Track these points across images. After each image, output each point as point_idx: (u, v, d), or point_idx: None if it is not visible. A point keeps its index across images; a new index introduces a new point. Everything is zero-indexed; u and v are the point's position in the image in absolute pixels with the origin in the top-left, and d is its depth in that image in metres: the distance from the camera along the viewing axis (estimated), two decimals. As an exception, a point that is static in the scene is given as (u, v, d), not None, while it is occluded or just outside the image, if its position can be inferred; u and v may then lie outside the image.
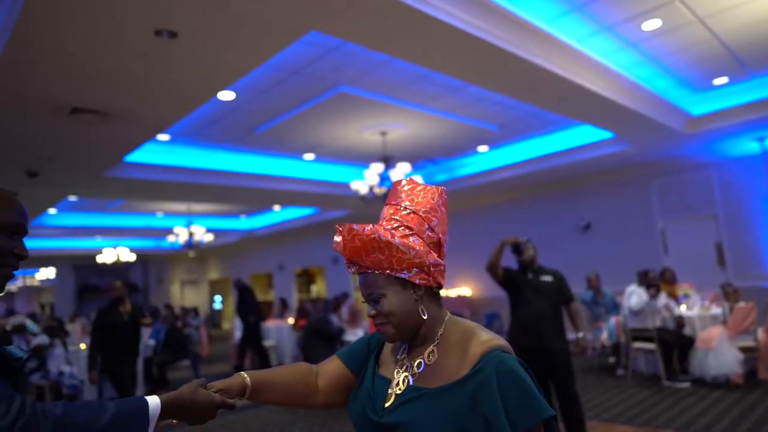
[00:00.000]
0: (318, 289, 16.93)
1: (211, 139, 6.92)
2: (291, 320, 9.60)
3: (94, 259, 14.78)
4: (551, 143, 7.92)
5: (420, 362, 1.14)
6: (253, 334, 8.34)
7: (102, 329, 4.99)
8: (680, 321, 6.12)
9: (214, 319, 18.43)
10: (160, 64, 3.93)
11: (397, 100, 5.86)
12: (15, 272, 1.10)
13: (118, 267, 17.03)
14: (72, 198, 9.07)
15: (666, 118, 6.28)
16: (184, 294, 19.05)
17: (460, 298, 10.53)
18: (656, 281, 6.23)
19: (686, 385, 5.66)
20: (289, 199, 9.96)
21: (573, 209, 9.49)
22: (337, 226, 1.15)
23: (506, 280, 3.92)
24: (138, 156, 6.74)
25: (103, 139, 5.52)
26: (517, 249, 3.92)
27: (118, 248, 13.68)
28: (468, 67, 4.43)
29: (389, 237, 1.10)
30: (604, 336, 6.77)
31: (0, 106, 4.41)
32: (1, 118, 4.67)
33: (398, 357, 1.19)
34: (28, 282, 20.22)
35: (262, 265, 16.60)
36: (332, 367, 1.27)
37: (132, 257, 14.36)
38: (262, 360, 8.34)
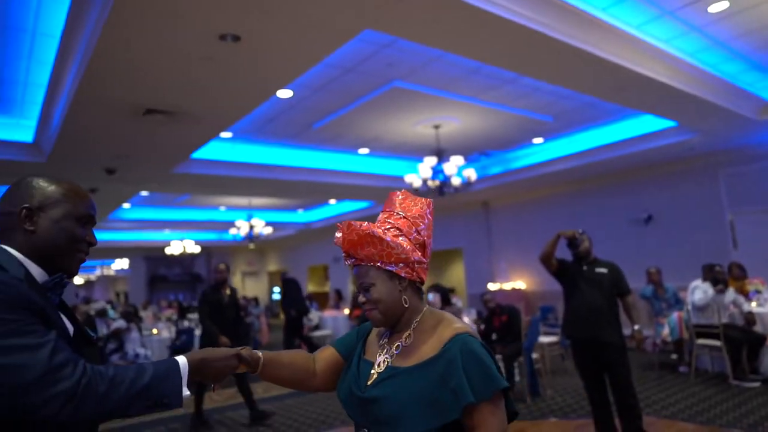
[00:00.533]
0: (373, 281, 17.16)
1: (270, 136, 7.21)
2: (346, 310, 9.86)
3: (163, 250, 15.71)
4: (609, 133, 7.70)
5: (398, 345, 1.32)
6: (293, 327, 8.56)
7: (209, 304, 5.21)
8: (750, 318, 5.84)
9: (273, 308, 19.11)
10: (224, 67, 4.17)
11: (450, 94, 5.90)
12: (87, 258, 1.27)
13: (185, 258, 17.99)
14: (143, 193, 9.68)
15: (736, 104, 5.98)
16: (244, 284, 19.85)
17: (515, 291, 10.44)
18: (723, 276, 5.97)
19: (756, 384, 5.41)
20: (344, 192, 10.21)
21: (633, 201, 9.18)
22: (338, 223, 1.33)
23: (560, 271, 3.91)
24: (203, 153, 7.12)
25: (172, 138, 5.90)
26: (572, 243, 3.88)
27: (185, 241, 14.45)
28: (521, 59, 4.42)
29: (381, 234, 1.27)
30: (666, 332, 6.55)
31: (84, 109, 4.82)
32: (85, 119, 5.10)
33: (381, 342, 1.37)
34: (105, 272, 21.71)
35: (318, 258, 17.04)
36: (327, 353, 1.46)
37: (197, 249, 15.12)
38: (311, 348, 8.60)
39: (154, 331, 8.58)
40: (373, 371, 1.31)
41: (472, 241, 11.79)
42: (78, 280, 20.36)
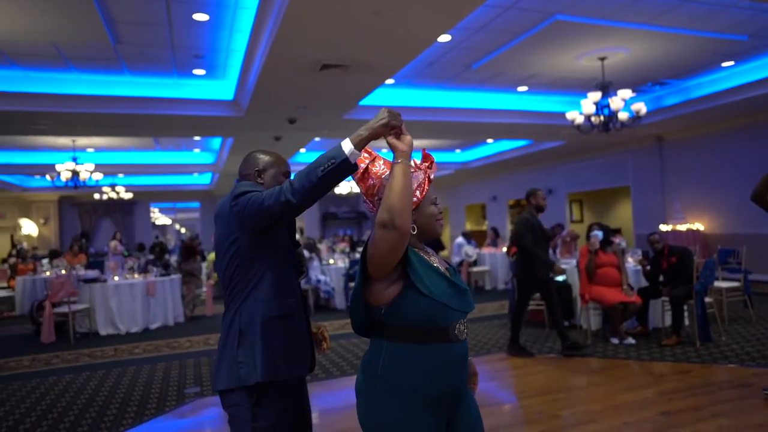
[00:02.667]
0: (531, 220, 16.97)
1: (429, 79, 7.50)
2: (504, 248, 10.07)
3: (333, 191, 17.25)
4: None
5: (428, 250, 1.64)
6: None
7: (532, 231, 5.04)
8: None
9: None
10: (391, 19, 4.51)
11: (618, 22, 5.54)
12: None
13: (351, 198, 19.59)
14: (317, 139, 10.77)
15: None
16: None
17: (690, 233, 9.61)
18: None
19: None
20: (502, 131, 10.18)
21: None
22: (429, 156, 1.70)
23: None
24: (369, 100, 7.70)
25: (344, 89, 6.51)
26: None
27: (351, 181, 15.69)
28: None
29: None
30: None
31: (273, 69, 5.59)
32: (273, 78, 5.91)
33: (424, 253, 1.60)
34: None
35: (476, 197, 17.26)
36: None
37: (363, 189, 16.34)
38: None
39: (331, 261, 9.77)
40: (444, 272, 1.57)
41: (642, 179, 10.98)
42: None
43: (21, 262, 10.69)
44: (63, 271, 8.15)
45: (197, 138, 10.92)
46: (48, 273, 8.91)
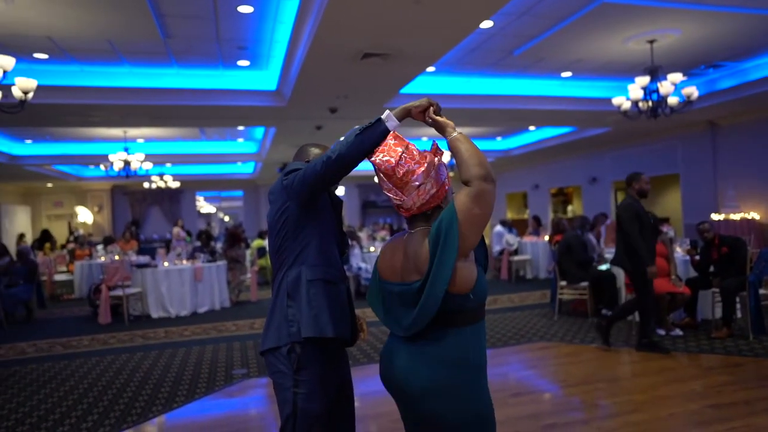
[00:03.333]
0: (574, 208, 16.63)
1: (470, 66, 7.42)
2: (546, 237, 9.93)
3: (372, 179, 17.36)
4: None
5: None
6: None
7: (639, 221, 4.66)
8: None
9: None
10: (432, 7, 4.49)
11: (669, 3, 5.33)
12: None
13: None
14: (356, 128, 10.82)
15: None
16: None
17: (745, 222, 9.20)
18: None
19: None
20: (545, 118, 9.98)
21: None
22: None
23: None
24: (410, 88, 7.69)
25: (385, 77, 6.53)
26: None
27: (391, 169, 15.72)
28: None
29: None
30: None
31: (316, 59, 5.67)
32: (316, 68, 5.99)
33: None
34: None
35: (517, 185, 17.01)
36: None
37: (402, 177, 16.33)
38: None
39: (372, 249, 9.88)
40: None
41: (692, 166, 10.55)
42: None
43: (78, 248, 11.27)
44: (116, 257, 8.56)
45: (241, 128, 11.18)
46: (103, 258, 9.37)
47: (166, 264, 7.84)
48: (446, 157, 1.67)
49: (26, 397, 4.20)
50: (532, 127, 12.11)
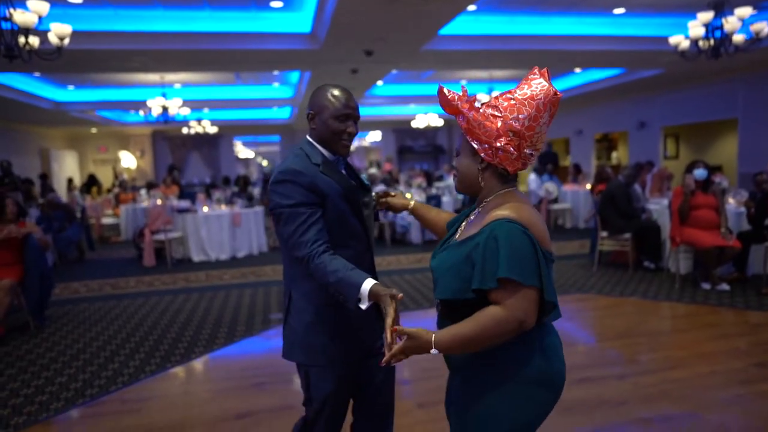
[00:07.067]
0: (619, 155, 15.97)
1: (514, 4, 6.97)
2: (588, 185, 9.61)
3: (409, 124, 17.03)
4: None
5: (468, 221, 1.43)
6: None
7: None
8: None
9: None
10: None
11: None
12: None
13: (428, 131, 19.27)
14: (394, 71, 10.51)
15: None
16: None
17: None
18: None
19: None
20: (593, 60, 9.40)
21: None
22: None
23: None
24: (449, 29, 7.31)
25: (423, 18, 6.21)
26: None
27: (429, 114, 15.38)
28: None
29: (465, 108, 1.30)
30: None
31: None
32: (351, 8, 5.73)
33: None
34: (362, 143, 24.76)
35: (559, 131, 16.37)
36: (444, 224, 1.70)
37: (440, 122, 15.97)
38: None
39: (408, 195, 9.79)
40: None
41: (754, 111, 9.83)
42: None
43: (122, 192, 11.64)
44: (159, 202, 8.79)
45: (276, 72, 11.03)
46: (146, 203, 9.65)
47: (205, 209, 8.00)
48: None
49: (79, 335, 4.44)
50: (577, 70, 11.47)
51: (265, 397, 3.18)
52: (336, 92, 1.66)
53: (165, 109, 10.51)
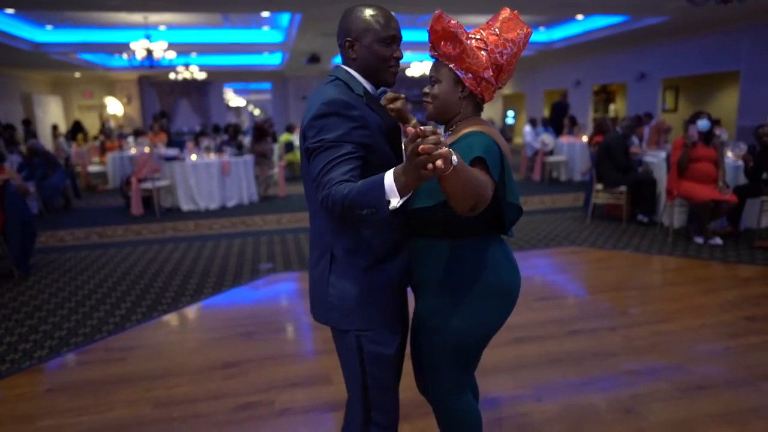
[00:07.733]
0: (617, 107, 15.72)
1: (516, -58, 6.59)
2: (585, 137, 9.46)
3: (404, 72, 16.55)
4: None
5: None
6: None
7: None
8: None
9: (506, 133, 19.22)
10: None
11: None
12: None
13: (423, 80, 18.78)
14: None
15: None
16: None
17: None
18: None
19: None
20: (597, 5, 9.03)
21: None
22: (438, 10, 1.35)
23: None
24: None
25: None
26: None
27: (424, 62, 14.94)
28: None
29: (463, 37, 1.33)
30: None
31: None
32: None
33: None
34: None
35: (557, 81, 16.02)
36: None
37: (435, 71, 15.54)
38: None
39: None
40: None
41: (757, 62, 9.58)
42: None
43: (107, 140, 11.35)
44: (146, 149, 8.57)
45: (266, 14, 10.55)
46: (133, 150, 9.41)
47: (193, 157, 7.81)
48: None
49: (64, 284, 4.37)
50: (579, 17, 11.06)
51: (252, 347, 3.15)
52: (375, 12, 1.41)
53: (150, 52, 10.10)
